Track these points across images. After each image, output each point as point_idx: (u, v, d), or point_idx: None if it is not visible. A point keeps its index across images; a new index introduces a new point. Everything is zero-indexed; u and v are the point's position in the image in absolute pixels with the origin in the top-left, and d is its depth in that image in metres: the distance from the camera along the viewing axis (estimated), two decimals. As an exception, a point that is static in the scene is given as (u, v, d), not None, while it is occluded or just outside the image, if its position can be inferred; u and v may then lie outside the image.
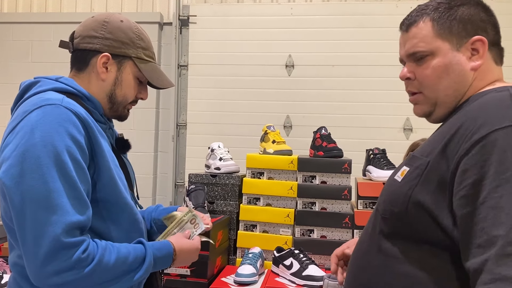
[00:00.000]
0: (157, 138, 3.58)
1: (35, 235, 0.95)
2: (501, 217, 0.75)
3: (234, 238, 2.16)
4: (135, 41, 1.20)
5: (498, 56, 1.03)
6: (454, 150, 0.86)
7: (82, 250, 0.98)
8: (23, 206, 0.96)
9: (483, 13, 1.01)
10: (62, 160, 0.98)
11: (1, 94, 3.59)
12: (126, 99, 1.21)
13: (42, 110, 1.01)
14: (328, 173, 2.08)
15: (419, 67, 1.03)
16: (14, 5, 3.72)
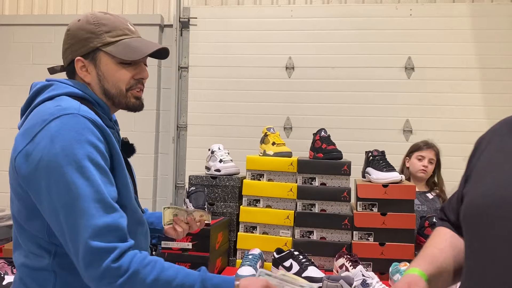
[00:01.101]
0: (158, 140, 3.59)
1: (72, 242, 0.98)
2: None
3: (234, 239, 2.17)
4: (95, 30, 1.15)
5: None
6: None
7: (112, 259, 0.97)
8: (56, 214, 0.99)
9: None
10: (84, 166, 0.99)
11: (3, 96, 3.60)
12: (120, 88, 1.18)
13: (61, 120, 1.02)
14: (327, 175, 2.09)
15: None
16: (16, 8, 3.74)
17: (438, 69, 3.32)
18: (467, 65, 3.33)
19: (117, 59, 1.16)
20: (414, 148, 2.76)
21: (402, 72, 3.32)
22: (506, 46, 3.31)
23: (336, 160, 2.12)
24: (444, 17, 3.36)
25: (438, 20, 3.36)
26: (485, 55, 3.32)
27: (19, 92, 3.58)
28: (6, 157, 3.58)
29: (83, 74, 1.17)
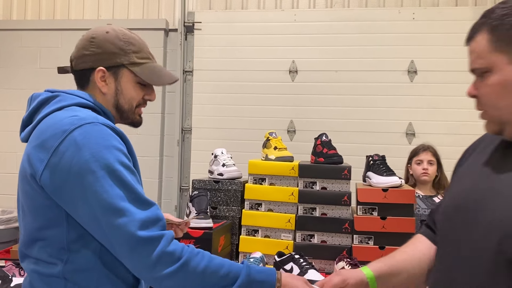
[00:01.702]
0: (163, 143, 3.64)
1: (117, 241, 1.02)
2: None
3: (237, 242, 2.21)
4: (124, 48, 1.21)
5: None
6: None
7: (164, 244, 1.01)
8: (96, 219, 1.02)
9: None
10: (116, 169, 1.04)
11: (11, 100, 3.66)
12: (132, 105, 1.24)
13: (83, 129, 1.05)
14: (328, 179, 2.12)
15: (481, 84, 0.95)
16: (23, 13, 3.80)
17: (441, 72, 3.34)
18: (469, 69, 3.34)
19: (138, 79, 1.23)
20: (412, 154, 2.80)
21: (405, 76, 3.34)
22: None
23: (336, 164, 2.15)
24: (446, 21, 3.38)
25: (441, 23, 3.38)
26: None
27: (27, 95, 3.62)
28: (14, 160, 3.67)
29: (101, 84, 1.21)
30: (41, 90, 3.39)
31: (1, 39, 3.70)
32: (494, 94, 0.93)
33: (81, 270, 1.08)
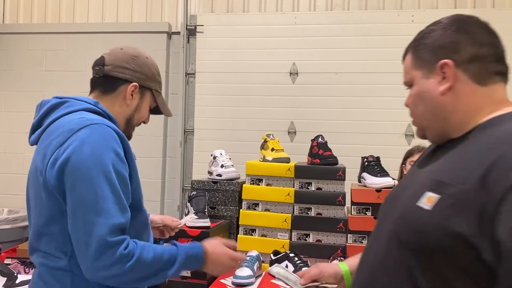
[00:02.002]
0: (166, 144, 3.69)
1: (86, 235, 1.10)
2: None
3: (234, 241, 2.26)
4: (155, 76, 1.41)
5: (482, 73, 0.96)
6: (498, 182, 0.80)
7: (123, 247, 1.12)
8: (75, 210, 1.11)
9: (454, 33, 0.98)
10: (109, 171, 1.13)
11: (17, 102, 3.74)
12: (138, 122, 1.41)
13: (89, 129, 1.16)
14: (323, 180, 2.17)
15: (409, 95, 1.10)
16: (29, 16, 3.88)
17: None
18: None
19: (153, 105, 1.43)
20: (407, 155, 2.83)
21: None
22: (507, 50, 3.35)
23: (332, 165, 2.20)
24: (446, 23, 3.41)
25: (440, 26, 3.41)
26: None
27: (33, 98, 3.72)
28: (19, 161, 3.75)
29: (128, 96, 1.35)
30: (46, 92, 3.50)
31: (8, 42, 3.77)
32: (413, 103, 1.06)
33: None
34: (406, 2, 3.54)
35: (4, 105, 3.76)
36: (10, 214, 3.44)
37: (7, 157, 3.75)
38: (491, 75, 0.96)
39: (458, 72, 0.96)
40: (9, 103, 3.76)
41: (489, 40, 0.97)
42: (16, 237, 3.32)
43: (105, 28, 3.69)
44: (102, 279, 1.13)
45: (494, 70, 0.97)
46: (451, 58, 0.97)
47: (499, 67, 0.97)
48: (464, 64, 0.96)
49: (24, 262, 2.36)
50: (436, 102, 0.99)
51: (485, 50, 0.96)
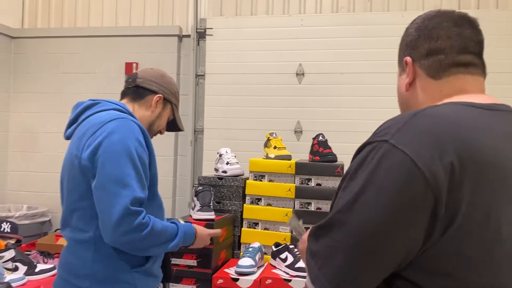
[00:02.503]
0: (177, 143, 3.82)
1: (112, 204, 1.31)
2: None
3: (239, 234, 2.38)
4: (176, 94, 1.71)
5: (435, 67, 0.97)
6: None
7: (142, 217, 1.34)
8: (104, 184, 1.34)
9: (415, 31, 1.00)
10: (133, 155, 1.37)
11: (36, 103, 3.92)
12: (158, 130, 1.68)
13: (117, 121, 1.41)
14: (322, 176, 2.28)
15: None
16: (47, 21, 4.05)
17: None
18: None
19: (171, 117, 1.70)
20: None
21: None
22: (508, 51, 3.40)
23: (331, 162, 2.30)
24: (449, 24, 3.48)
25: (444, 26, 3.48)
26: (490, 60, 3.40)
27: (50, 99, 3.89)
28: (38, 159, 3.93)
29: (153, 104, 1.63)
30: (63, 93, 3.68)
31: (27, 46, 3.95)
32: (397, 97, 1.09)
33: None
34: (410, 3, 3.62)
35: (24, 106, 3.94)
36: (29, 210, 3.61)
37: (26, 156, 3.92)
38: (446, 68, 0.96)
39: (416, 68, 0.99)
40: (28, 104, 3.94)
41: (450, 33, 0.96)
42: (35, 232, 3.49)
43: (119, 31, 3.84)
44: (121, 243, 1.34)
45: (450, 63, 0.95)
46: (410, 55, 1.00)
47: (459, 57, 0.95)
48: (421, 59, 0.98)
49: (43, 253, 2.52)
50: (403, 97, 1.04)
51: (441, 43, 0.96)
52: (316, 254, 0.86)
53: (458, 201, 0.78)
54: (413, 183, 0.77)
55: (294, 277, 2.00)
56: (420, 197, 0.77)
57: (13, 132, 3.95)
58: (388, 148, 0.81)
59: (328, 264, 0.83)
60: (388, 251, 0.80)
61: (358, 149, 0.91)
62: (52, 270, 2.34)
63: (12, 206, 3.75)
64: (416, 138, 0.81)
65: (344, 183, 0.88)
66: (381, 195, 0.79)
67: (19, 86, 3.96)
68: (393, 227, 0.78)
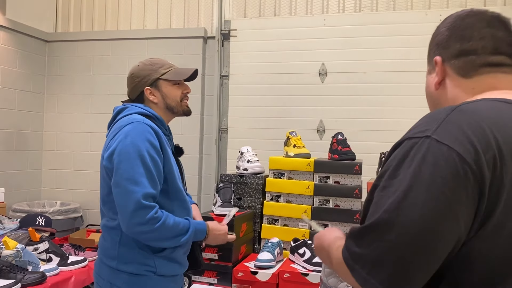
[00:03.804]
0: (202, 142, 3.91)
1: (126, 199, 1.47)
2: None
3: (259, 230, 2.46)
4: (151, 68, 1.72)
5: (466, 67, 0.98)
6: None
7: (154, 212, 1.48)
8: (119, 182, 1.49)
9: (446, 31, 1.03)
10: (143, 155, 1.50)
11: (68, 104, 4.10)
12: (177, 101, 1.72)
13: (132, 125, 1.56)
14: (341, 174, 2.32)
15: None
16: (78, 25, 4.23)
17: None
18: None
19: (172, 82, 1.72)
20: None
21: (432, 76, 3.42)
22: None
23: (349, 161, 2.34)
24: (474, 21, 3.44)
25: (468, 24, 3.44)
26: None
27: (82, 100, 4.07)
28: (71, 158, 4.10)
29: (152, 97, 1.71)
30: (94, 94, 3.87)
31: (61, 49, 4.14)
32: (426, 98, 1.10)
33: None
34: (434, 1, 3.59)
35: (57, 107, 4.13)
36: (62, 206, 3.78)
37: (59, 154, 4.11)
38: (477, 68, 0.97)
39: (446, 67, 1.00)
40: (61, 105, 4.12)
41: (482, 34, 0.98)
42: (67, 227, 3.65)
43: (146, 34, 3.97)
44: (136, 233, 1.49)
45: (482, 63, 0.97)
46: (441, 54, 1.01)
47: (490, 58, 0.97)
48: (452, 59, 0.99)
49: (75, 246, 2.66)
50: (432, 96, 1.05)
51: (473, 44, 0.98)
52: (362, 257, 0.84)
53: (498, 197, 0.79)
54: (463, 178, 0.78)
55: (312, 271, 2.06)
56: (469, 191, 0.78)
57: (47, 132, 4.14)
58: (432, 144, 0.81)
59: (380, 266, 0.81)
60: (440, 249, 0.79)
61: (394, 145, 0.91)
62: (83, 262, 2.47)
63: (46, 202, 3.93)
64: (459, 133, 0.81)
65: (383, 182, 0.86)
66: (432, 191, 0.78)
67: (53, 87, 4.15)
68: (444, 223, 0.78)
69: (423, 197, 0.79)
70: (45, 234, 2.69)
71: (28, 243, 2.42)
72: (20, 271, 2.11)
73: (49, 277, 2.23)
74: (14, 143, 3.82)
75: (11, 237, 2.45)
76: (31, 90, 3.99)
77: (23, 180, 3.92)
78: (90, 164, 4.00)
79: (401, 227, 0.79)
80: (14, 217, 3.16)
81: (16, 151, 3.84)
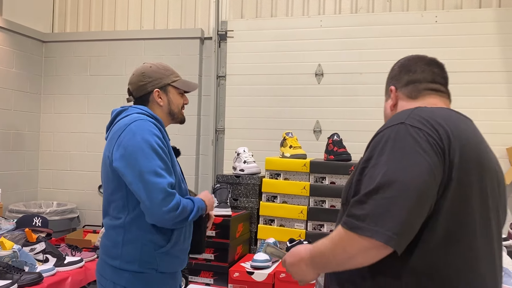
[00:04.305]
0: (199, 142, 3.92)
1: (153, 191, 1.54)
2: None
3: (255, 230, 2.47)
4: (164, 72, 1.81)
5: (413, 91, 1.29)
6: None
7: (177, 198, 1.59)
8: (142, 177, 1.54)
9: (397, 68, 1.36)
10: (156, 149, 1.59)
11: (65, 104, 4.10)
12: (179, 108, 1.82)
13: (138, 122, 1.63)
14: (336, 175, 2.34)
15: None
16: (75, 25, 4.23)
17: (463, 73, 3.40)
18: (492, 69, 3.41)
19: (179, 90, 1.83)
20: None
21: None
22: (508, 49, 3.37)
23: (345, 161, 2.35)
24: (469, 23, 3.44)
25: (464, 25, 3.45)
26: (511, 58, 3.40)
27: (79, 100, 4.07)
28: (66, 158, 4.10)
29: (159, 100, 1.78)
30: (91, 95, 3.87)
31: (57, 50, 4.14)
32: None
33: (135, 221, 1.62)
34: (430, 3, 3.61)
35: (54, 107, 4.13)
36: (59, 207, 3.78)
37: (56, 155, 4.11)
38: (421, 91, 1.29)
39: (399, 94, 1.32)
40: (58, 106, 4.12)
41: (423, 69, 1.31)
42: (64, 228, 3.65)
43: (143, 35, 3.98)
44: (166, 220, 1.57)
45: (424, 88, 1.29)
46: (394, 85, 1.34)
47: (430, 85, 1.29)
48: (402, 87, 1.31)
49: (71, 246, 2.66)
50: (388, 115, 1.34)
51: (417, 75, 1.30)
52: (367, 216, 1.01)
53: (453, 166, 1.06)
54: (434, 148, 1.05)
55: (307, 272, 2.07)
56: (439, 158, 1.04)
57: (44, 132, 4.14)
58: (407, 127, 1.09)
59: (386, 218, 0.99)
60: (430, 198, 1.03)
61: (374, 135, 1.16)
62: (80, 262, 2.47)
63: (43, 203, 3.93)
64: (423, 120, 1.10)
65: (373, 161, 1.08)
66: (416, 157, 1.03)
67: (50, 88, 4.15)
68: (431, 177, 1.02)
69: (410, 162, 1.03)
70: (42, 235, 2.69)
71: (25, 244, 2.42)
72: (17, 272, 2.11)
73: (46, 277, 2.23)
74: (10, 144, 3.82)
75: (7, 238, 2.45)
76: (27, 90, 3.99)
77: (19, 181, 3.92)
78: (87, 165, 4.00)
79: (400, 184, 1.01)
80: (10, 218, 3.16)
81: (12, 152, 3.84)
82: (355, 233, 1.01)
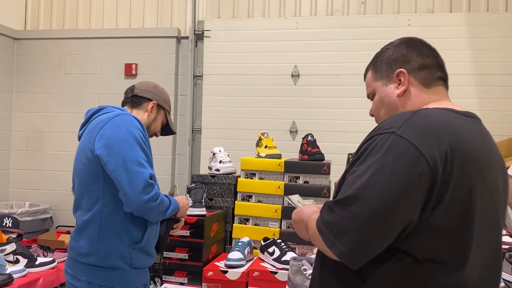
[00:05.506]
0: (175, 142, 3.90)
1: (134, 179, 1.60)
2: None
3: (230, 230, 2.48)
4: (168, 101, 2.00)
5: (427, 78, 1.17)
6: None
7: (156, 188, 1.66)
8: (126, 165, 1.61)
9: (404, 49, 1.20)
10: (140, 142, 1.67)
11: (37, 102, 4.02)
12: (154, 131, 1.95)
13: (121, 117, 1.71)
14: (310, 174, 2.37)
15: (372, 105, 1.29)
16: (49, 23, 4.16)
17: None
18: (463, 72, 3.50)
19: (164, 122, 1.98)
20: None
21: (400, 79, 3.50)
22: (501, 53, 3.48)
23: (318, 161, 2.39)
24: (441, 26, 3.54)
25: (436, 29, 3.54)
26: (481, 62, 3.49)
27: (52, 99, 4.00)
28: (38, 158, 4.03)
29: (149, 109, 1.91)
30: (65, 94, 3.81)
31: (30, 48, 4.06)
32: (376, 109, 1.25)
33: (110, 216, 1.66)
34: (403, 6, 3.69)
35: (26, 106, 4.05)
36: (31, 207, 3.71)
37: (28, 154, 4.03)
38: (435, 80, 1.17)
39: (410, 78, 1.17)
40: (30, 104, 4.04)
41: (431, 53, 1.19)
42: (37, 229, 3.58)
43: (119, 33, 3.94)
44: (145, 208, 1.62)
45: (437, 76, 1.18)
46: (404, 67, 1.18)
47: (440, 73, 1.18)
48: (414, 71, 1.17)
49: (43, 247, 2.62)
50: (391, 103, 1.20)
51: (430, 60, 1.18)
52: (331, 223, 1.01)
53: (448, 184, 0.98)
54: (417, 166, 0.97)
55: (280, 270, 2.09)
56: (423, 177, 0.96)
57: (15, 131, 4.05)
58: (396, 138, 1.00)
59: (345, 232, 0.99)
60: (396, 221, 0.97)
61: (365, 139, 1.08)
62: (52, 263, 2.44)
63: (14, 203, 3.85)
64: (418, 131, 1.01)
65: (354, 167, 1.05)
66: (392, 175, 0.97)
67: (22, 86, 4.07)
68: (401, 201, 0.97)
69: (385, 179, 0.98)
70: (12, 236, 2.65)
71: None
72: (-14, 273, 2.07)
73: (16, 279, 2.20)
74: (-19, 143, 3.73)
75: (-23, 239, 2.40)
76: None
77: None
78: (61, 165, 3.94)
79: (364, 201, 0.98)
80: (-20, 218, 3.08)
81: (-17, 151, 3.75)
82: (319, 235, 1.03)
